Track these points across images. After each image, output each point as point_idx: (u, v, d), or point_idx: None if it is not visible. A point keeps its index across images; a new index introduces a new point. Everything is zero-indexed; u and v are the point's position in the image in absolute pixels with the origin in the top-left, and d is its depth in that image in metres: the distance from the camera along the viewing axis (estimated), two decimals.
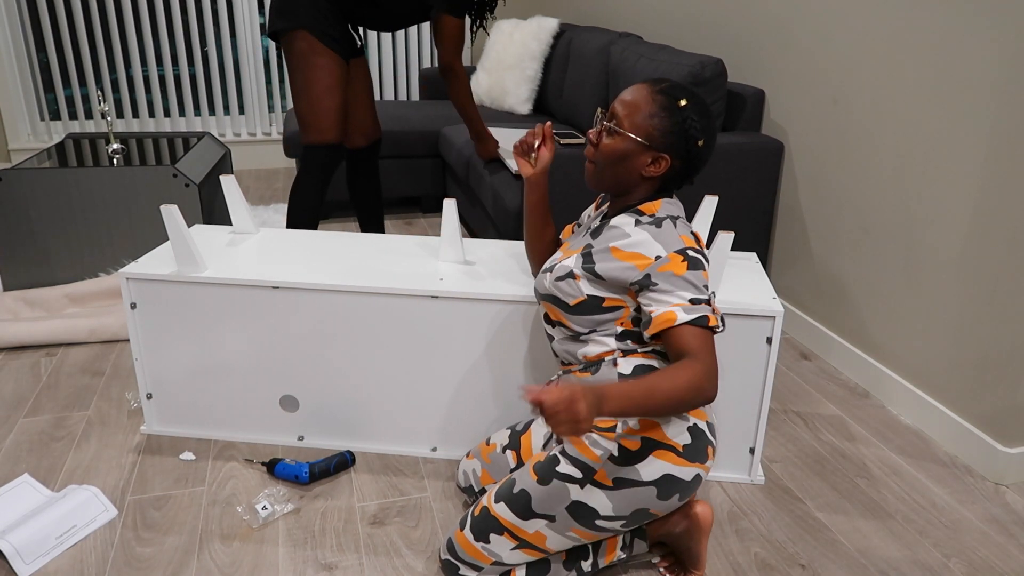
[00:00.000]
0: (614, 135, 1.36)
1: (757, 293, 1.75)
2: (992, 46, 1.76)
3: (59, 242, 2.64)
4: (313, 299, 1.76)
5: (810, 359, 2.43)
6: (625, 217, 1.39)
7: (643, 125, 1.34)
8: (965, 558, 1.60)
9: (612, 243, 1.37)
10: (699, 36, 2.99)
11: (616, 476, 1.34)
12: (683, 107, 1.33)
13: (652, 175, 1.36)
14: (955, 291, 1.93)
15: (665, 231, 1.33)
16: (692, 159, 1.36)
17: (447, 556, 1.43)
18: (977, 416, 1.90)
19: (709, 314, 1.27)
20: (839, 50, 2.24)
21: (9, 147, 4.33)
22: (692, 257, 1.31)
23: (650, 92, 1.34)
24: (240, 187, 4.26)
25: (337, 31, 2.40)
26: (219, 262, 1.85)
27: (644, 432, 1.34)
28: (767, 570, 1.55)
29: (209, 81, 4.59)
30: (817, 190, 2.39)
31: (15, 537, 1.52)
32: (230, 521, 1.65)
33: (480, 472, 1.63)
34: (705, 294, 1.29)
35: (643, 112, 1.33)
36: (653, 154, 1.35)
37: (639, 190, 1.40)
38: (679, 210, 1.41)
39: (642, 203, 1.40)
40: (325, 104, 2.40)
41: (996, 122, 1.77)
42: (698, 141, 1.34)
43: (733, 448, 1.80)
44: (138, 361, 1.86)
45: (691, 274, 1.29)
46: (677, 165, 1.36)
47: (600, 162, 1.39)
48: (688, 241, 1.33)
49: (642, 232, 1.34)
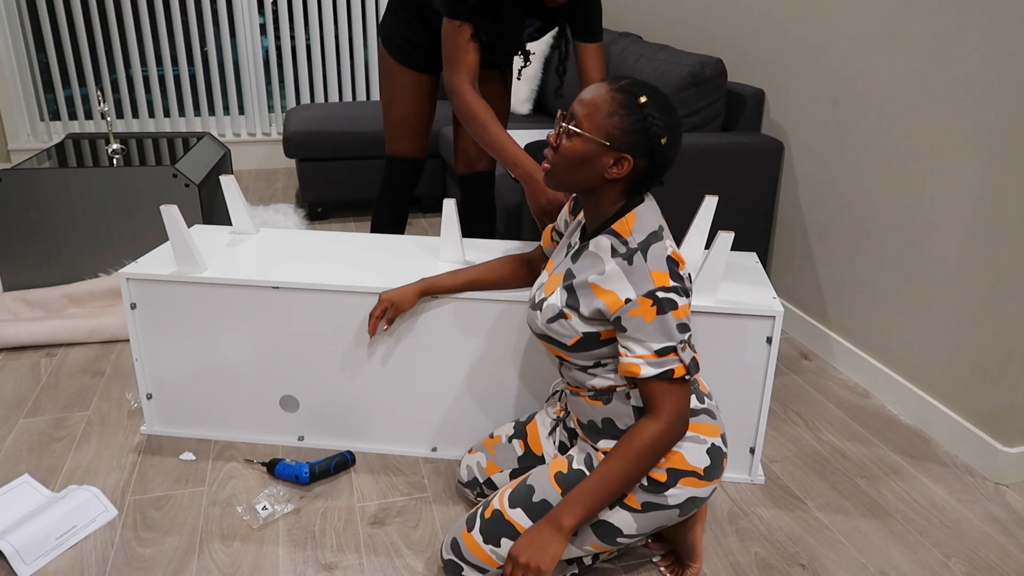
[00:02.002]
0: (573, 137, 1.29)
1: (757, 293, 1.74)
2: (992, 46, 1.76)
3: (59, 242, 2.64)
4: (313, 299, 1.76)
5: (810, 359, 2.43)
6: (603, 241, 1.33)
7: (603, 125, 1.27)
8: (965, 558, 1.60)
9: (591, 277, 1.31)
10: (699, 36, 2.99)
11: (645, 501, 1.37)
12: (643, 104, 1.26)
13: (615, 176, 1.29)
14: (955, 291, 1.93)
15: (636, 268, 1.27)
16: (656, 158, 1.29)
17: (451, 556, 1.43)
18: (977, 416, 1.90)
19: (676, 366, 1.26)
20: (839, 50, 2.24)
21: (9, 147, 4.33)
22: (662, 299, 1.25)
23: (609, 91, 1.28)
24: (240, 187, 4.26)
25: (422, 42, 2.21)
26: (219, 262, 1.85)
27: (668, 464, 1.36)
28: (767, 570, 1.55)
29: (209, 81, 4.59)
30: (817, 190, 2.39)
31: (15, 537, 1.52)
32: (230, 521, 1.65)
33: (485, 463, 1.63)
34: (675, 339, 1.26)
35: (602, 111, 1.27)
36: (615, 155, 1.28)
37: (606, 193, 1.33)
38: (655, 217, 1.34)
39: (616, 216, 1.33)
40: (390, 116, 2.34)
41: (996, 122, 1.77)
42: (661, 139, 1.27)
43: (733, 448, 1.80)
44: (138, 361, 1.85)
45: (660, 320, 1.25)
46: (641, 165, 1.29)
47: (560, 165, 1.32)
48: (659, 278, 1.26)
49: (615, 267, 1.29)
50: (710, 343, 1.72)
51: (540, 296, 1.41)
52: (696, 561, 1.51)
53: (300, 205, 3.93)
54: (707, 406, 1.43)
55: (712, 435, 1.39)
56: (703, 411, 1.41)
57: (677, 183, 2.44)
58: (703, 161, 2.44)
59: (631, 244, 1.29)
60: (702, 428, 1.39)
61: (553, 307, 1.36)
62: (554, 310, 1.36)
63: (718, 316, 1.69)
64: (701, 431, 1.38)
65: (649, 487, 1.36)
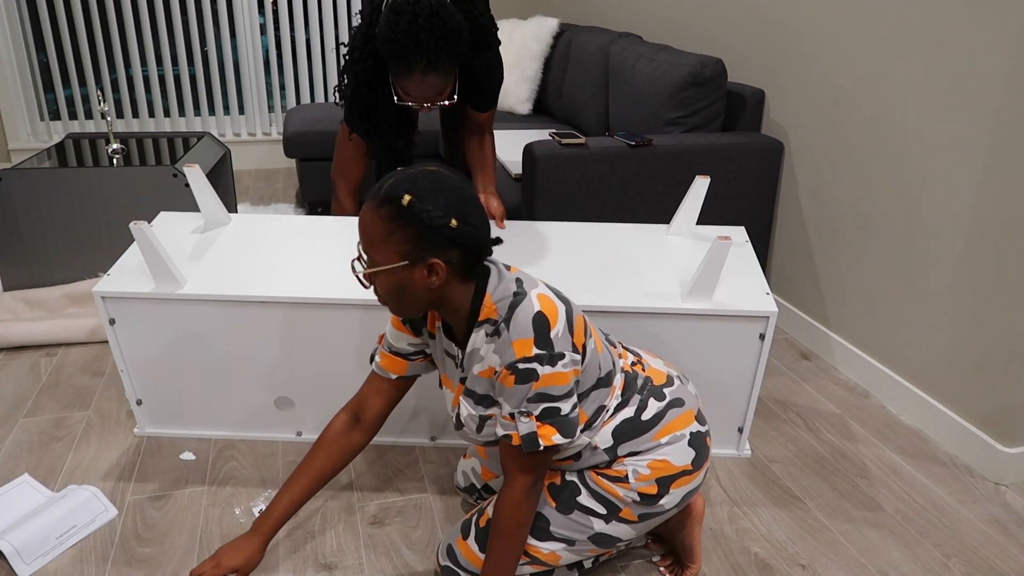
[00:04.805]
0: (376, 276, 1.19)
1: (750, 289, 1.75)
2: (992, 46, 1.76)
3: (59, 242, 2.64)
4: (299, 311, 1.75)
5: (810, 359, 2.43)
6: (479, 337, 1.24)
7: (389, 250, 1.15)
8: (965, 558, 1.60)
9: (476, 369, 1.25)
10: (699, 36, 2.99)
11: (641, 513, 1.37)
12: (410, 204, 1.13)
13: (439, 283, 1.18)
14: (955, 291, 1.93)
15: (502, 341, 1.20)
16: (462, 241, 1.15)
17: (447, 563, 1.42)
18: (977, 416, 1.90)
19: (513, 432, 1.21)
20: (839, 50, 2.24)
21: (9, 147, 4.33)
22: (522, 370, 1.18)
23: (373, 211, 1.15)
24: (240, 187, 4.25)
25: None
26: (197, 272, 1.80)
27: (656, 474, 1.35)
28: (767, 570, 1.55)
29: (209, 81, 4.58)
30: (817, 190, 2.39)
31: (15, 537, 1.52)
32: (230, 521, 1.65)
33: (480, 469, 1.63)
34: (523, 407, 1.20)
35: (380, 237, 1.15)
36: (422, 267, 1.16)
37: (449, 296, 1.22)
38: (507, 281, 1.24)
39: (475, 308, 1.24)
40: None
41: (996, 122, 1.77)
42: (448, 224, 1.13)
43: (722, 430, 1.87)
44: (124, 371, 1.84)
45: (516, 388, 1.19)
46: (455, 257, 1.17)
47: (389, 301, 1.22)
48: (521, 347, 1.18)
49: (488, 348, 1.22)
50: (704, 335, 1.74)
51: (455, 413, 1.34)
52: (694, 562, 1.51)
53: (300, 205, 3.93)
54: (670, 397, 1.39)
55: (688, 424, 1.38)
56: (669, 404, 1.38)
57: (678, 183, 2.44)
58: (703, 161, 2.45)
59: (499, 319, 1.21)
60: (677, 422, 1.37)
61: (472, 418, 1.29)
62: (475, 420, 1.29)
63: (712, 316, 1.71)
64: (677, 426, 1.37)
65: (643, 501, 1.35)
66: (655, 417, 1.36)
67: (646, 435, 1.35)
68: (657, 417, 1.36)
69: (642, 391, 1.37)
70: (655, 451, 1.36)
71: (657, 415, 1.37)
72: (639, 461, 1.35)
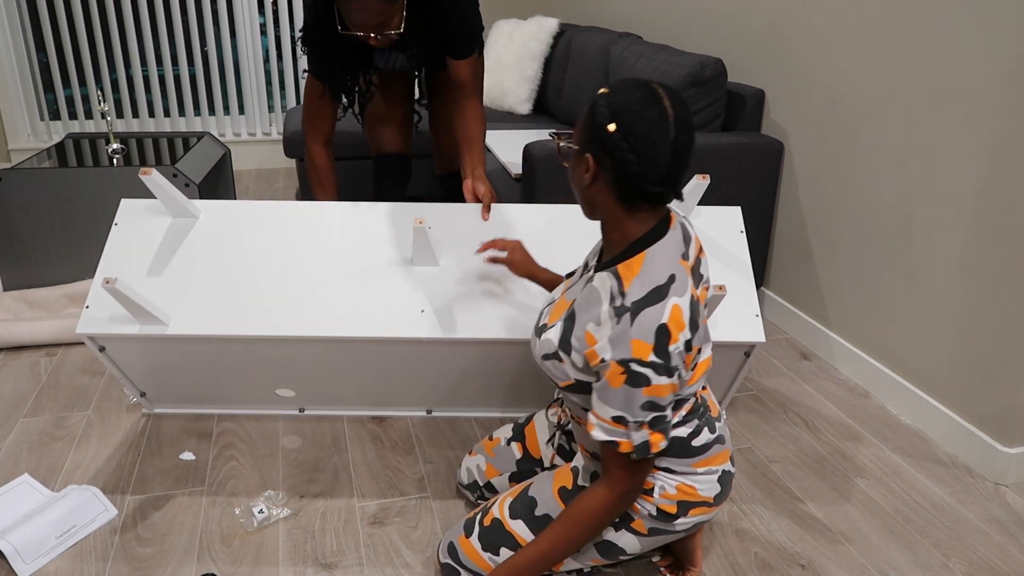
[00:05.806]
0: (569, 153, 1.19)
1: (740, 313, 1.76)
2: (992, 46, 1.76)
3: (59, 242, 2.64)
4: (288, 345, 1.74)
5: (810, 359, 2.43)
6: (606, 280, 1.21)
7: (576, 131, 1.16)
8: (965, 558, 1.60)
9: (587, 325, 1.21)
10: (699, 36, 2.99)
11: (652, 527, 1.36)
12: (600, 94, 1.13)
13: (588, 183, 1.16)
14: (955, 291, 1.93)
15: (620, 329, 1.15)
16: (611, 152, 1.11)
17: (448, 560, 1.42)
18: (977, 416, 1.90)
19: (623, 440, 1.19)
20: (839, 50, 2.24)
21: (9, 147, 4.33)
22: (635, 372, 1.15)
23: None
24: (240, 187, 4.26)
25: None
26: (183, 305, 1.72)
27: (680, 496, 1.34)
28: (767, 570, 1.55)
29: (209, 81, 4.58)
30: (817, 190, 2.39)
31: (15, 537, 1.52)
32: (230, 521, 1.65)
33: (485, 466, 1.63)
34: (632, 415, 1.18)
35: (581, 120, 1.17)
36: (583, 157, 1.15)
37: (605, 213, 1.20)
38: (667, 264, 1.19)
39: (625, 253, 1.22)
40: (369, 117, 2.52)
41: (996, 122, 1.77)
42: (605, 126, 1.09)
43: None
44: (122, 379, 1.87)
45: (625, 390, 1.16)
46: (607, 165, 1.13)
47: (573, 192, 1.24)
48: (639, 349, 1.14)
49: (607, 316, 1.18)
50: None
51: (543, 321, 1.34)
52: (696, 565, 1.51)
53: None
54: (719, 432, 1.38)
55: (723, 461, 1.37)
56: (717, 439, 1.37)
57: None
58: (703, 161, 2.44)
59: (627, 300, 1.17)
60: (717, 458, 1.36)
61: (550, 343, 1.29)
62: (550, 347, 1.28)
63: None
64: (716, 461, 1.36)
65: (659, 516, 1.35)
66: (703, 447, 1.34)
67: (688, 460, 1.34)
68: (704, 447, 1.35)
69: (701, 417, 1.36)
70: (688, 476, 1.34)
71: (705, 445, 1.35)
72: (670, 479, 1.34)
